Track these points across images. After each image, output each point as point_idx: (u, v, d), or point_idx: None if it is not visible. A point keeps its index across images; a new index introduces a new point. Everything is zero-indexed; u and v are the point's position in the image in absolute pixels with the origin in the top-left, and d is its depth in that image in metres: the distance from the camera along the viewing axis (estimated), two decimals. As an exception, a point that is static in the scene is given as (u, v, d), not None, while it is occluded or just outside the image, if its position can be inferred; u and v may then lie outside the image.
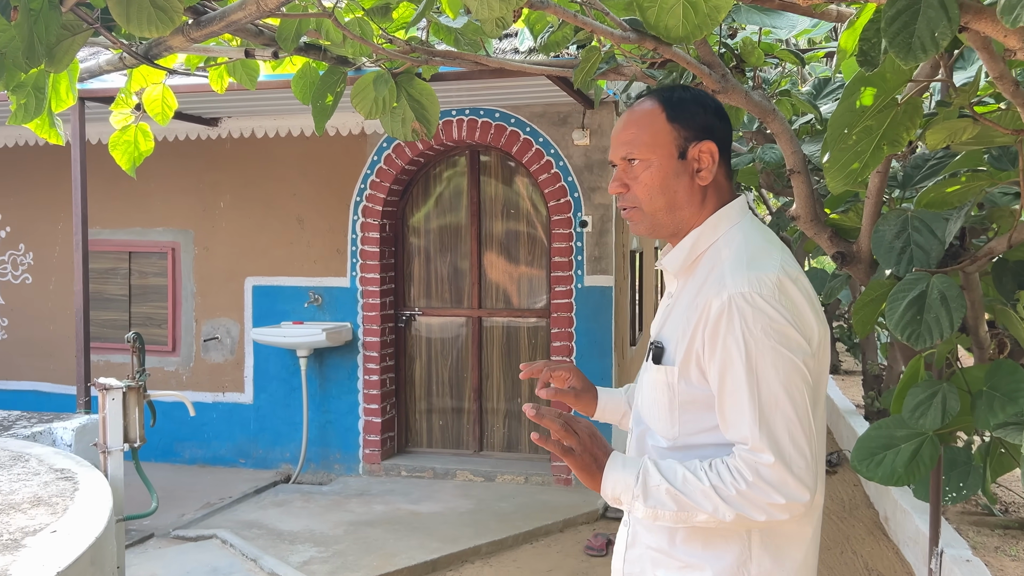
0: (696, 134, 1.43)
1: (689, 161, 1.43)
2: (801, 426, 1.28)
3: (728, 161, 1.48)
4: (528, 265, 5.75)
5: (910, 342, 2.28)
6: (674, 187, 1.43)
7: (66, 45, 2.12)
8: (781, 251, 1.39)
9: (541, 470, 5.44)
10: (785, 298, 1.31)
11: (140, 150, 3.20)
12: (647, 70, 2.82)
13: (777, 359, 1.29)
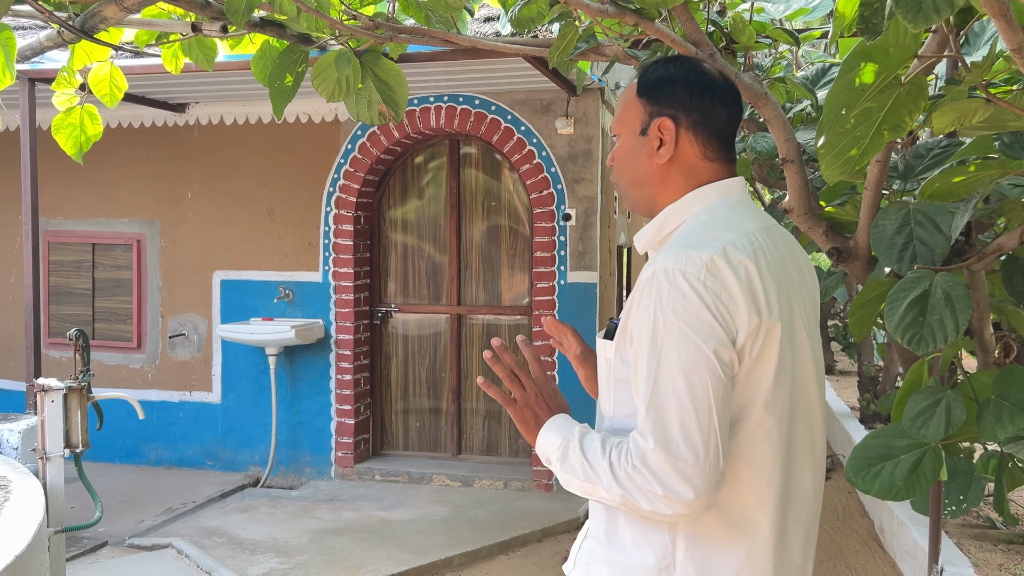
0: (660, 110, 1.38)
1: (650, 138, 1.39)
2: (697, 418, 1.20)
3: (711, 139, 1.39)
4: (510, 260, 5.59)
5: (911, 346, 2.14)
6: (635, 163, 1.41)
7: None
8: (740, 233, 1.29)
9: (521, 475, 5.29)
10: (712, 280, 1.23)
11: (87, 134, 3.02)
12: (629, 50, 2.66)
13: (682, 342, 1.21)
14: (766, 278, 1.26)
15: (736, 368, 1.24)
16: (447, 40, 2.59)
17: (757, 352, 1.24)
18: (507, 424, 5.62)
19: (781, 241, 1.37)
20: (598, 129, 5.08)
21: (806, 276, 1.41)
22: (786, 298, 1.29)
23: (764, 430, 1.26)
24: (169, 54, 2.90)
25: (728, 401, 1.23)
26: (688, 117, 1.37)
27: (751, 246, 1.28)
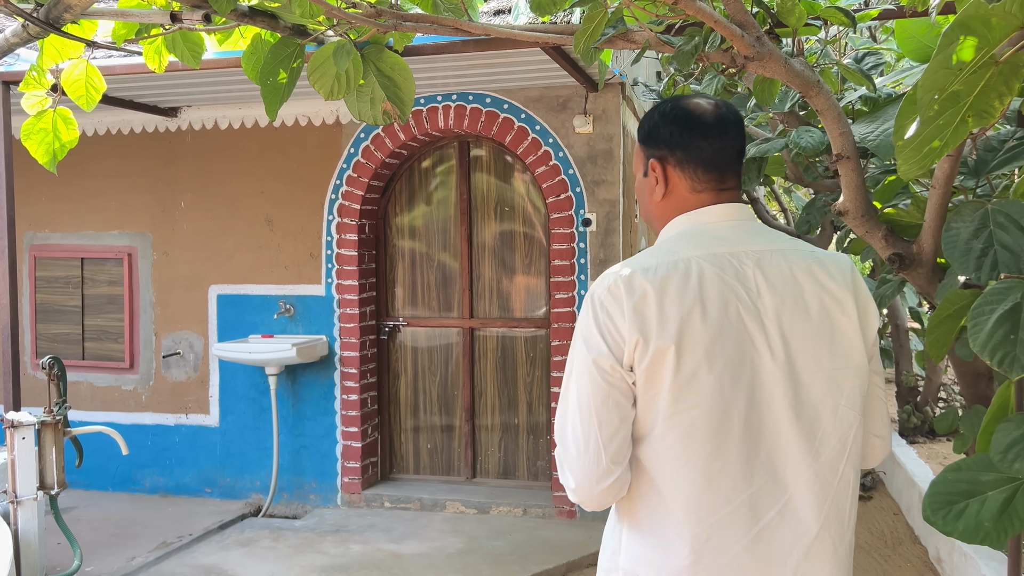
0: (652, 153, 1.57)
1: (649, 179, 1.58)
2: (580, 418, 1.41)
3: (698, 172, 1.53)
4: (525, 269, 5.36)
5: (1003, 367, 1.90)
6: (643, 201, 1.62)
7: (-77, -1, 1.73)
8: (668, 260, 1.44)
9: (541, 500, 5.04)
10: (610, 300, 1.41)
11: (62, 140, 2.80)
12: (662, 35, 2.43)
13: (576, 354, 1.44)
14: (668, 301, 1.39)
15: (627, 379, 1.40)
16: (458, 28, 2.37)
17: (645, 367, 1.38)
18: (525, 445, 5.39)
19: (751, 267, 1.45)
20: (619, 127, 4.85)
21: (824, 298, 1.46)
22: (707, 322, 1.38)
23: (666, 444, 1.39)
24: (151, 50, 2.68)
25: (611, 406, 1.40)
26: (673, 155, 1.54)
27: (668, 271, 1.41)
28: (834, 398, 1.44)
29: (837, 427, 1.44)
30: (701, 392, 1.38)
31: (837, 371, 1.44)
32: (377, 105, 2.41)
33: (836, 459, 1.43)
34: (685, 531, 1.39)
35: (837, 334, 1.45)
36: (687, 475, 1.39)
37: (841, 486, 1.44)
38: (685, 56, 2.33)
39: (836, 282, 1.48)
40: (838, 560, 1.44)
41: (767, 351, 1.41)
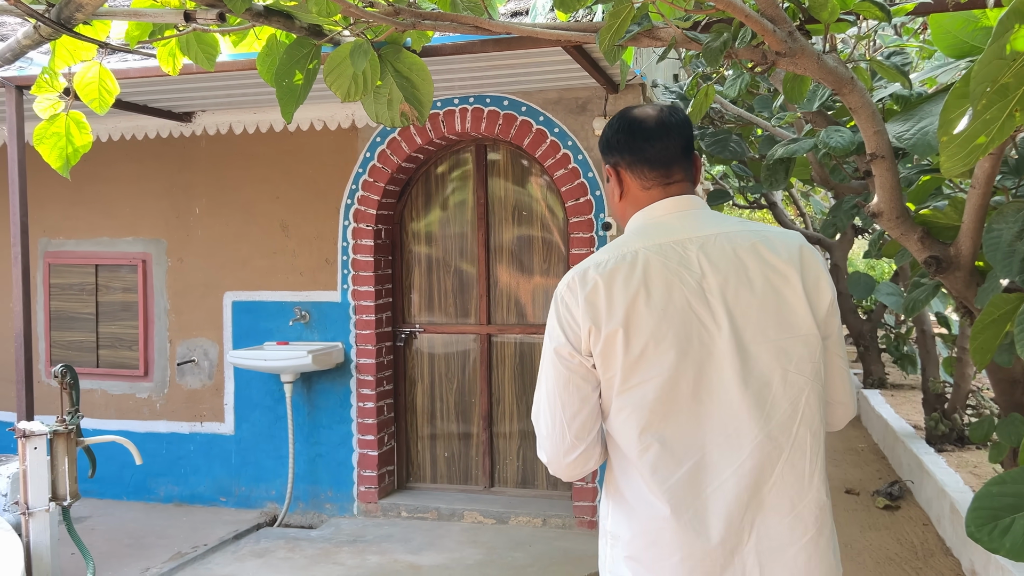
0: (608, 159, 1.77)
1: (611, 183, 1.78)
2: (548, 401, 1.63)
3: (644, 170, 1.71)
4: (544, 274, 5.29)
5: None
6: (610, 206, 1.82)
7: (-69, -2, 1.69)
8: (616, 254, 1.63)
9: (561, 510, 4.97)
10: (569, 294, 1.62)
11: (75, 144, 2.76)
12: (689, 32, 2.36)
13: (545, 346, 1.65)
14: (614, 290, 1.58)
15: (586, 363, 1.60)
16: (478, 26, 2.31)
17: (599, 351, 1.58)
18: (543, 453, 5.31)
19: (695, 251, 1.61)
20: (639, 129, 4.78)
21: (769, 274, 1.60)
22: (652, 305, 1.56)
23: (623, 417, 1.58)
24: (165, 52, 2.64)
25: (572, 390, 1.60)
26: (624, 160, 1.73)
27: (615, 264, 1.61)
28: (782, 365, 1.58)
29: (787, 392, 1.58)
30: (650, 368, 1.56)
31: (784, 340, 1.59)
32: (395, 106, 2.36)
33: (788, 422, 1.58)
34: (655, 490, 1.56)
35: (783, 306, 1.59)
36: (643, 443, 1.57)
37: (796, 446, 1.58)
38: (713, 53, 2.26)
39: (781, 258, 1.61)
40: (797, 514, 1.57)
41: (714, 327, 1.57)
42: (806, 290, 1.60)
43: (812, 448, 1.61)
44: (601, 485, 4.87)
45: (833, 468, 6.25)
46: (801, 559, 1.56)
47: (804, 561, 1.56)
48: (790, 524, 1.56)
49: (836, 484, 5.81)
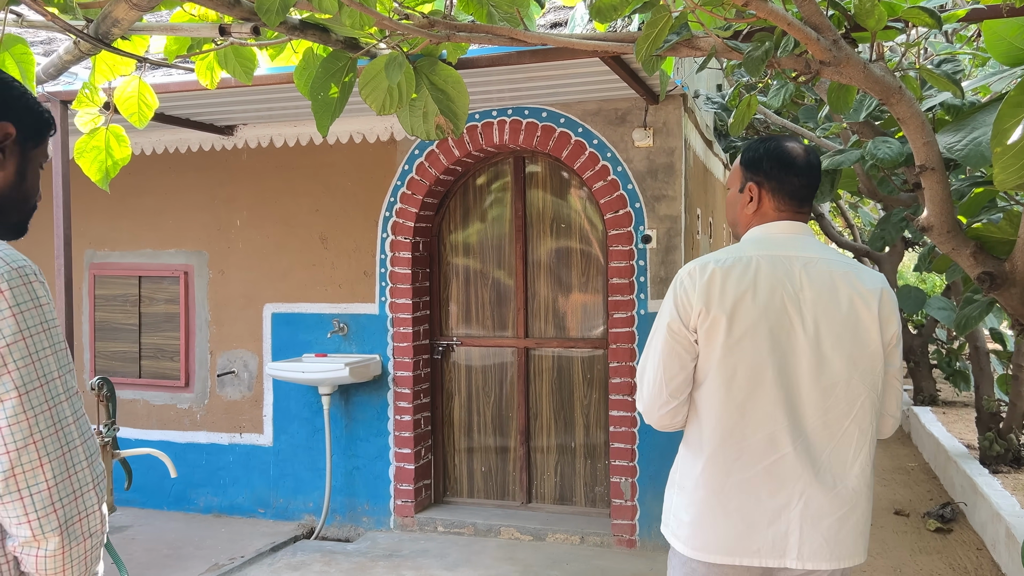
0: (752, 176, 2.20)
1: (745, 195, 2.18)
2: (652, 365, 2.04)
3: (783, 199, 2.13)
4: (582, 288, 5.24)
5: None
6: (734, 211, 2.24)
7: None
8: (735, 254, 2.04)
9: (599, 528, 4.89)
10: (688, 278, 2.02)
11: (114, 158, 2.79)
12: (729, 41, 2.31)
13: (660, 318, 2.05)
14: (728, 283, 1.97)
15: (693, 338, 2.01)
16: (514, 38, 2.29)
17: (705, 330, 1.98)
18: (582, 469, 5.25)
19: (798, 268, 2.01)
20: (681, 140, 4.71)
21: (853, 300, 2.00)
22: (756, 302, 1.97)
23: (715, 386, 1.99)
24: (203, 66, 2.67)
25: (674, 357, 2.01)
26: (768, 183, 2.10)
27: (730, 262, 2.01)
28: (848, 372, 1.97)
29: (848, 394, 1.97)
30: (744, 351, 1.96)
31: (855, 352, 1.98)
32: (430, 119, 2.34)
33: (842, 417, 1.97)
34: (728, 451, 1.97)
35: (860, 325, 1.99)
36: (727, 410, 1.97)
37: (844, 438, 1.98)
38: (755, 62, 2.20)
39: (867, 287, 2.01)
40: (837, 492, 1.96)
41: (801, 330, 1.97)
42: (880, 318, 2.00)
43: (858, 442, 1.99)
44: (641, 503, 4.78)
45: (882, 488, 6.07)
46: (833, 528, 1.96)
47: (836, 531, 1.96)
48: (830, 499, 1.95)
49: (885, 504, 5.64)
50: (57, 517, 1.29)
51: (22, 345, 1.28)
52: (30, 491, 1.27)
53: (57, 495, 1.29)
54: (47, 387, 1.30)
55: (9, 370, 1.27)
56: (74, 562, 1.32)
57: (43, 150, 1.55)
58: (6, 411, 1.26)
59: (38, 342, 1.31)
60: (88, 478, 1.34)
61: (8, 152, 1.46)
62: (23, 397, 1.27)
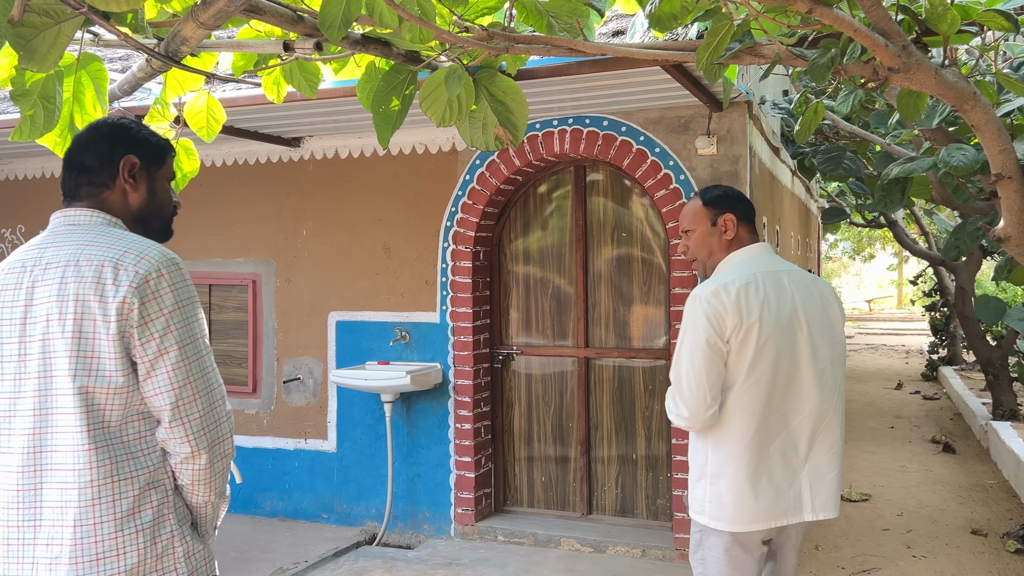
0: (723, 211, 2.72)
1: (719, 226, 2.68)
2: (695, 375, 2.40)
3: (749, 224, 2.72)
4: (643, 297, 5.19)
5: None
6: (709, 243, 2.71)
7: (48, 36, 1.78)
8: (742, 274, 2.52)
9: (661, 541, 4.83)
10: (715, 299, 2.43)
11: (183, 170, 2.86)
12: (794, 48, 2.26)
13: (688, 335, 2.45)
14: (751, 298, 2.42)
15: (726, 349, 2.41)
16: (572, 48, 2.28)
17: (739, 340, 2.40)
18: (644, 481, 5.19)
19: (786, 279, 2.54)
20: (746, 148, 4.63)
21: (823, 299, 2.59)
22: (771, 310, 2.44)
23: (742, 392, 2.43)
24: (270, 81, 2.73)
25: (713, 366, 2.40)
26: (738, 213, 2.63)
27: (745, 281, 2.46)
28: (831, 357, 2.53)
29: (833, 374, 2.53)
30: (768, 352, 2.42)
31: (832, 341, 2.54)
32: (489, 130, 2.35)
33: (831, 393, 2.52)
34: (747, 438, 2.43)
35: (831, 320, 2.56)
36: (759, 403, 2.43)
37: (835, 410, 2.52)
38: (820, 69, 2.15)
39: (828, 289, 2.62)
40: (833, 454, 2.51)
41: (799, 328, 2.47)
42: (840, 313, 2.60)
43: (840, 412, 2.54)
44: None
45: (958, 505, 5.85)
46: (832, 484, 2.50)
47: (834, 487, 2.50)
48: (828, 460, 2.50)
49: (961, 523, 5.43)
50: (207, 438, 1.70)
51: (179, 313, 1.69)
52: (188, 419, 1.68)
53: (207, 423, 1.71)
54: (196, 343, 1.72)
55: (171, 330, 1.67)
56: (216, 474, 1.75)
57: (167, 169, 1.96)
58: (171, 360, 1.67)
59: (188, 311, 1.72)
60: (223, 413, 1.76)
61: (138, 177, 1.88)
62: (182, 350, 1.68)
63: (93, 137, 1.89)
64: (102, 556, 1.61)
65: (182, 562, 1.70)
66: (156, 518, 1.67)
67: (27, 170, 6.63)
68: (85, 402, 1.63)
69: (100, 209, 1.82)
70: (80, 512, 1.61)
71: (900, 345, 17.40)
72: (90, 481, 1.62)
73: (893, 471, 6.90)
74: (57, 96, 2.25)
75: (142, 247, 1.72)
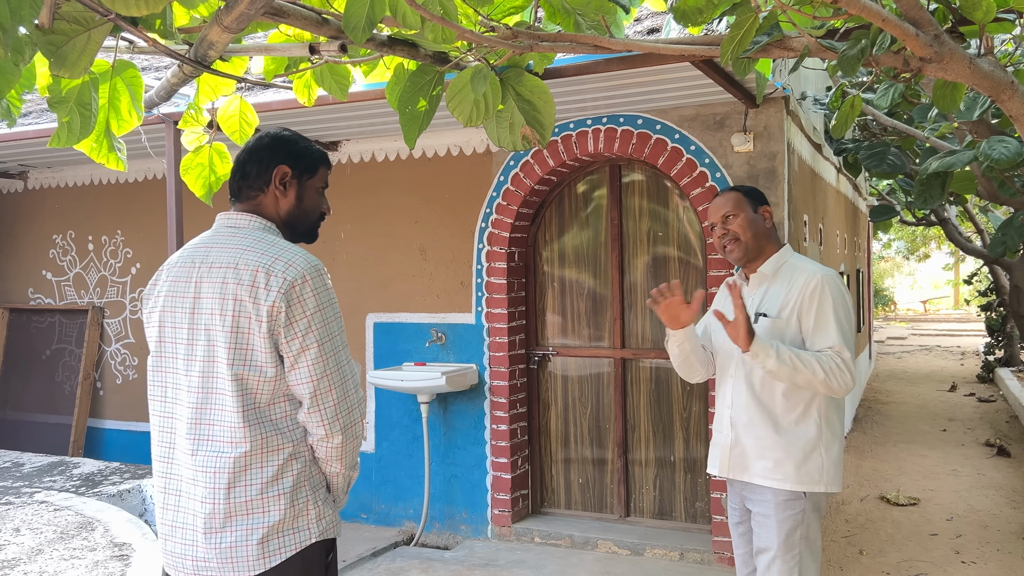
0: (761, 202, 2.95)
1: (759, 214, 2.88)
2: (853, 343, 2.66)
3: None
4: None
5: None
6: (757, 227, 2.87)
7: (78, 43, 1.83)
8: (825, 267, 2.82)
9: (699, 544, 4.78)
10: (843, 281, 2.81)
11: (217, 174, 2.93)
12: (823, 40, 2.23)
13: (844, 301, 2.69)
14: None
15: None
16: (598, 45, 2.27)
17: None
18: (682, 483, 5.14)
19: None
20: (783, 144, 4.57)
21: None
22: None
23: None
24: (301, 84, 2.77)
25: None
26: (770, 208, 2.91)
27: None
28: None
29: None
30: None
31: None
32: (516, 130, 2.36)
33: None
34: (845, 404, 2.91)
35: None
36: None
37: None
38: (850, 61, 2.12)
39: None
40: None
41: None
42: None
43: None
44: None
45: (1011, 511, 5.69)
46: None
47: None
48: None
49: (1014, 528, 5.28)
50: (340, 423, 1.94)
51: (319, 315, 1.92)
52: (324, 407, 1.93)
53: (340, 410, 1.95)
54: (334, 341, 1.95)
55: (312, 330, 1.91)
56: (347, 454, 1.98)
57: (318, 179, 2.21)
58: (311, 356, 1.91)
59: (328, 312, 1.95)
60: (355, 401, 1.99)
61: (288, 185, 2.13)
62: (322, 347, 1.92)
63: (256, 146, 2.15)
64: (251, 512, 1.90)
65: (314, 523, 1.95)
66: (295, 484, 1.93)
67: (77, 177, 6.82)
68: (240, 387, 1.90)
69: (256, 212, 2.09)
70: (233, 476, 1.89)
71: (955, 346, 16.99)
72: (244, 453, 1.89)
73: (944, 475, 6.74)
74: (93, 103, 2.31)
75: (291, 255, 1.95)
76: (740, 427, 2.74)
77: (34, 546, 2.76)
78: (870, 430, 8.62)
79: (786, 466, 2.63)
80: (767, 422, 2.67)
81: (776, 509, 2.65)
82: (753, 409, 2.71)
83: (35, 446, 6.61)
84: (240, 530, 1.89)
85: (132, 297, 6.66)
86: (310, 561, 1.95)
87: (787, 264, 2.78)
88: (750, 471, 2.71)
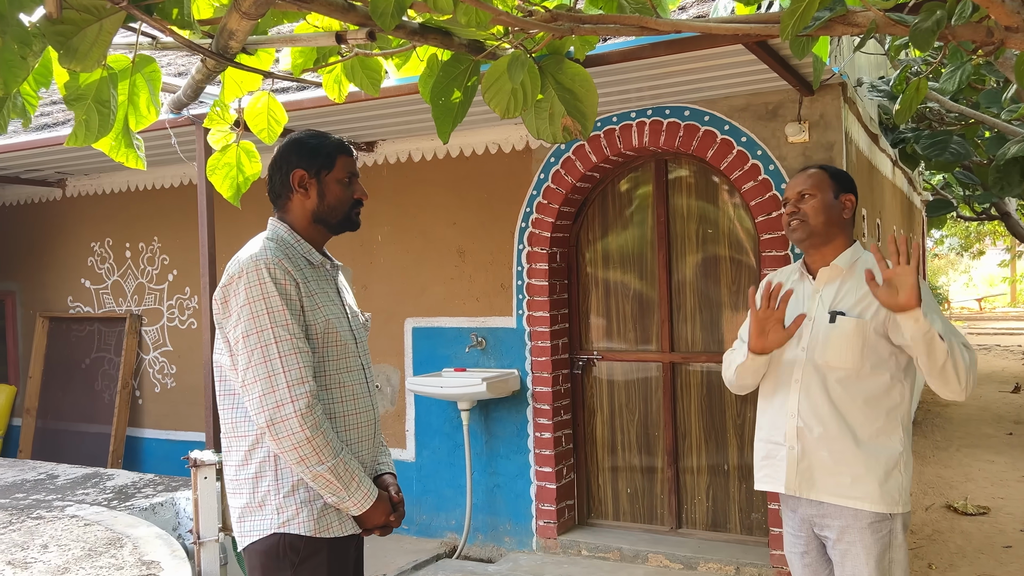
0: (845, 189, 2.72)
1: (840, 202, 2.67)
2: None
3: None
4: (732, 298, 4.96)
5: None
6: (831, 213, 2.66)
7: (89, 34, 1.74)
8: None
9: (756, 558, 4.59)
10: None
11: (245, 174, 2.83)
12: (891, 14, 2.05)
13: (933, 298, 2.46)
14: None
15: None
16: (643, 27, 2.13)
17: None
18: (736, 493, 4.95)
19: None
20: (841, 134, 4.37)
21: None
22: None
23: None
24: (331, 80, 2.67)
25: None
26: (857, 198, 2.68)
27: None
28: None
29: None
30: None
31: None
32: (556, 121, 2.23)
33: None
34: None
35: None
36: None
37: None
38: (924, 35, 1.94)
39: None
40: None
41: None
42: None
43: None
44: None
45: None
46: None
47: None
48: None
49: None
50: (266, 416, 1.96)
51: (248, 308, 2.03)
52: (251, 397, 2.00)
53: (265, 403, 1.97)
54: (263, 334, 2.01)
55: (241, 321, 2.03)
56: (287, 450, 1.97)
57: (340, 169, 2.30)
58: (239, 347, 2.03)
59: (257, 306, 2.03)
60: (285, 398, 1.97)
61: (308, 186, 2.25)
62: (247, 339, 2.02)
63: (276, 155, 2.30)
64: (231, 493, 2.08)
65: (273, 514, 2.03)
66: (258, 472, 2.04)
67: (113, 184, 6.85)
68: (220, 373, 2.11)
69: (281, 217, 2.27)
70: (224, 455, 2.12)
71: (1016, 345, 16.42)
72: (225, 435, 2.11)
73: (1014, 482, 6.43)
74: (112, 100, 2.22)
75: (244, 251, 2.12)
76: (811, 439, 2.47)
77: (61, 564, 2.71)
78: (931, 434, 8.30)
79: (867, 483, 2.40)
80: (846, 434, 2.42)
81: (861, 535, 2.40)
82: (829, 419, 2.45)
83: (75, 456, 6.64)
84: (232, 504, 2.09)
85: (169, 304, 6.65)
86: (271, 552, 2.02)
87: (861, 260, 2.57)
88: (819, 487, 2.46)
